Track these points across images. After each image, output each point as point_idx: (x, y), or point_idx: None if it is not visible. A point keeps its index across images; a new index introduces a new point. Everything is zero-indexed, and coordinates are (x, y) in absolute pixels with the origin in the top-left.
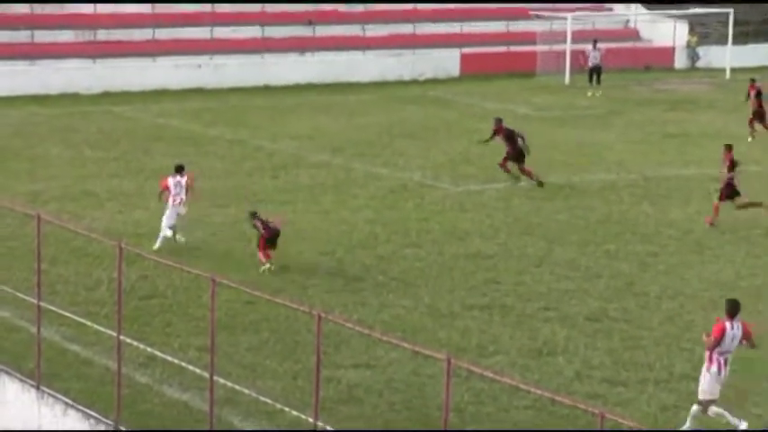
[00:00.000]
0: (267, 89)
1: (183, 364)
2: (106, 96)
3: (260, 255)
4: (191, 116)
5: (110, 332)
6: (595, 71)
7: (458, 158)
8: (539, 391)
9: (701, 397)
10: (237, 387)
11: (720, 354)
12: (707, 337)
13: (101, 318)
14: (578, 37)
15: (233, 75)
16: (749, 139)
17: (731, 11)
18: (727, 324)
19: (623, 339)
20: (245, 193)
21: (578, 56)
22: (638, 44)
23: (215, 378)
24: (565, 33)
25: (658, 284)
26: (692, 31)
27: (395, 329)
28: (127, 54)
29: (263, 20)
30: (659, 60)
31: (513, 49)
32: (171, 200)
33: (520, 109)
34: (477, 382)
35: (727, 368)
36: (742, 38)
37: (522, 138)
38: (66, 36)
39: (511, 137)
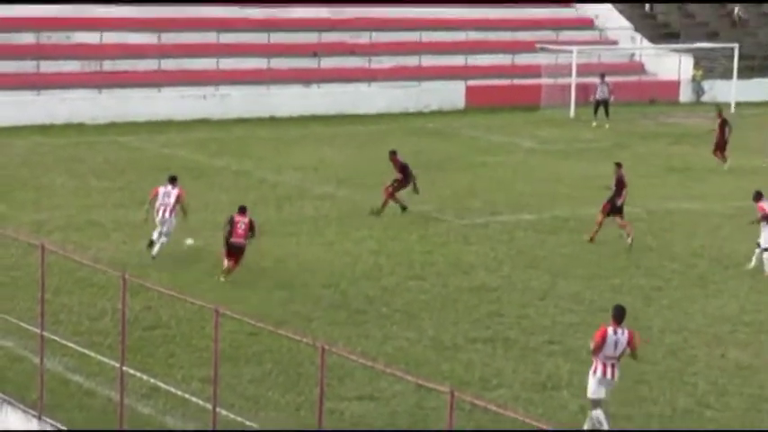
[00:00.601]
0: (272, 120)
1: (186, 395)
2: (112, 126)
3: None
4: (196, 146)
5: (113, 363)
6: (602, 104)
7: (462, 191)
8: (542, 426)
9: (588, 395)
10: (240, 419)
11: (606, 358)
12: (591, 341)
13: (104, 348)
14: (583, 70)
15: (238, 105)
16: (725, 167)
17: (736, 45)
18: (610, 329)
19: (627, 374)
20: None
21: (584, 89)
22: (644, 78)
23: (218, 410)
24: (570, 67)
25: (662, 319)
26: (697, 65)
27: (398, 362)
28: (132, 84)
29: (268, 51)
30: (664, 94)
31: (518, 82)
32: (155, 209)
33: (524, 142)
34: (480, 416)
35: (616, 372)
36: (747, 72)
37: (414, 178)
38: (71, 66)
39: (405, 170)
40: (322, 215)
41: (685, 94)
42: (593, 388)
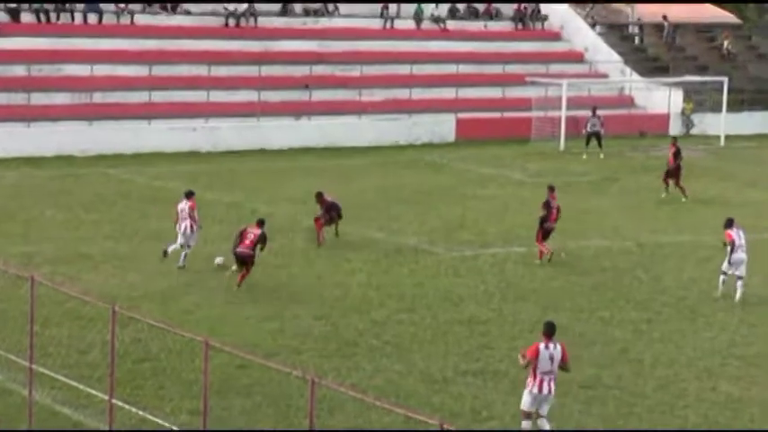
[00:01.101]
0: (263, 152)
1: (175, 428)
2: (101, 159)
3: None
4: (186, 179)
5: (102, 395)
6: (595, 137)
7: (453, 223)
8: None
9: (521, 407)
10: None
11: (542, 373)
12: (521, 357)
13: (93, 381)
14: (573, 103)
15: (228, 138)
16: (662, 195)
17: (725, 79)
18: (542, 345)
19: (617, 407)
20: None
21: (574, 122)
22: (633, 111)
23: None
24: (560, 99)
25: (653, 352)
26: (686, 98)
27: (388, 394)
28: (123, 117)
29: (259, 84)
30: (654, 127)
31: (508, 114)
32: (178, 225)
33: (514, 174)
34: None
35: (552, 387)
36: (736, 105)
37: (339, 216)
38: (62, 98)
39: (330, 209)
40: (313, 247)
41: (675, 128)
42: (527, 402)
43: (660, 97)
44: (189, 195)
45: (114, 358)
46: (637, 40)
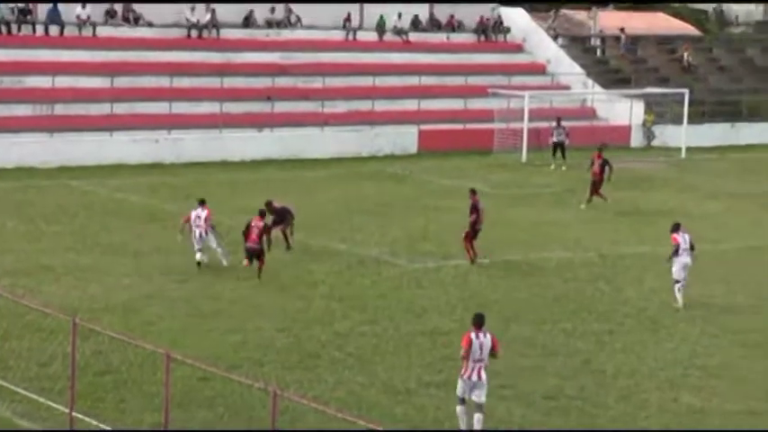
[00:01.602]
0: (225, 164)
1: None
2: (63, 171)
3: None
4: (148, 191)
5: (62, 408)
6: (559, 147)
7: (415, 235)
8: None
9: (457, 393)
10: None
11: (474, 361)
12: (462, 349)
13: (54, 394)
14: (535, 115)
15: (191, 150)
16: (582, 207)
17: (686, 91)
18: (473, 335)
19: (580, 417)
20: (202, 269)
21: (536, 134)
22: (595, 123)
23: None
24: (522, 111)
25: (615, 362)
26: (648, 110)
27: (350, 406)
28: (84, 128)
29: (221, 96)
30: (615, 139)
31: (471, 126)
32: (192, 233)
33: (476, 186)
34: None
35: (482, 374)
36: (697, 117)
37: (292, 216)
38: (23, 110)
39: (281, 213)
40: (275, 258)
41: (636, 139)
42: (460, 388)
43: (622, 109)
44: (203, 203)
45: (75, 371)
46: (599, 52)
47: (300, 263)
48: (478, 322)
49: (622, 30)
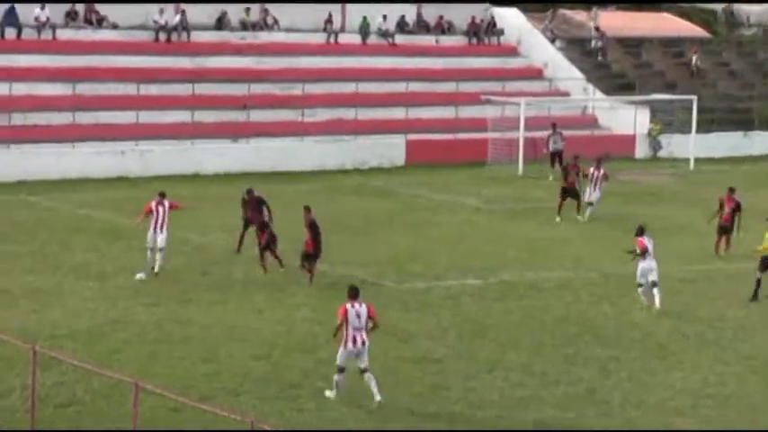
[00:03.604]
0: (197, 177)
1: None
2: (21, 185)
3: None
4: (114, 207)
5: None
6: (557, 156)
7: (403, 254)
8: None
9: (337, 362)
10: None
11: (354, 329)
12: (337, 318)
13: (11, 429)
14: (532, 124)
15: (160, 162)
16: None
17: (695, 97)
18: (348, 305)
19: None
20: (171, 290)
21: (533, 144)
22: (597, 132)
23: None
24: (518, 120)
25: (620, 392)
26: (653, 118)
27: None
28: (44, 139)
29: (192, 103)
30: (619, 149)
31: (462, 136)
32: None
33: (469, 201)
34: None
35: (364, 339)
36: (706, 126)
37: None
38: None
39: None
40: (251, 280)
41: (641, 150)
42: (341, 356)
43: (626, 117)
44: (164, 196)
45: (35, 403)
46: (600, 56)
47: (279, 283)
48: (354, 293)
49: (597, 29)
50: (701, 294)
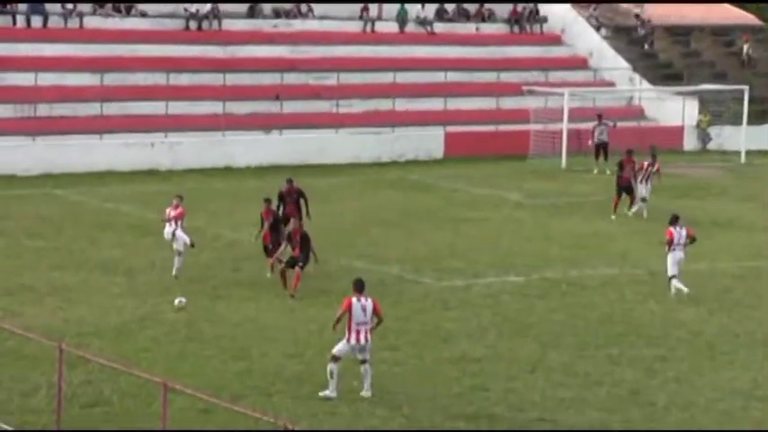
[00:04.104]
0: (228, 171)
1: None
2: (47, 178)
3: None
4: (142, 201)
5: None
6: (602, 148)
7: (441, 250)
8: None
9: (333, 352)
10: None
11: (357, 324)
12: (339, 310)
13: (38, 428)
14: (576, 115)
15: (190, 155)
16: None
17: (746, 88)
18: (354, 299)
19: None
20: (202, 287)
21: (577, 136)
22: (643, 123)
23: None
24: (561, 111)
25: (667, 393)
26: (702, 109)
27: None
28: (71, 131)
29: (224, 94)
30: (666, 142)
31: (503, 128)
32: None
33: (511, 195)
34: None
35: (367, 336)
36: (758, 117)
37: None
38: (2, 111)
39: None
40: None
41: (690, 142)
42: (341, 349)
43: (673, 108)
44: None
45: (61, 402)
46: (647, 44)
47: (312, 281)
48: (359, 287)
49: (637, 16)
50: (751, 291)
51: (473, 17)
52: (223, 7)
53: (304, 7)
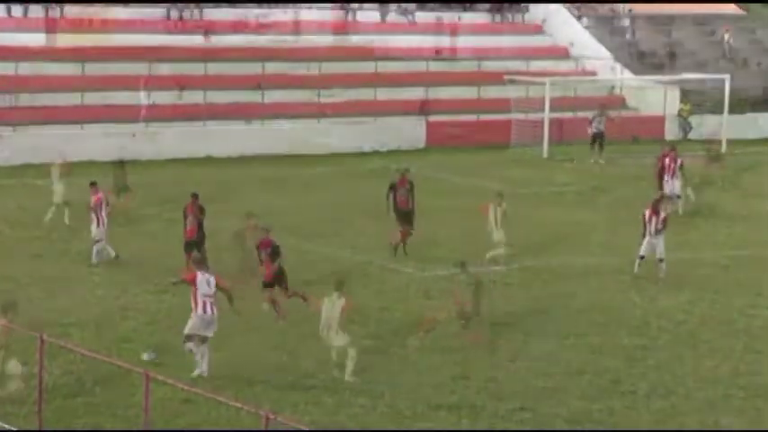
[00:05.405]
0: (209, 161)
1: None
2: (27, 168)
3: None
4: (123, 190)
5: None
6: (598, 138)
7: (424, 239)
8: None
9: (185, 331)
10: None
11: (204, 296)
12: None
13: (19, 419)
14: (557, 105)
15: (171, 144)
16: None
17: (727, 77)
18: (199, 273)
19: None
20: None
21: (558, 125)
22: (625, 113)
23: None
24: (542, 101)
25: (648, 382)
26: (684, 98)
27: None
28: (51, 121)
29: (205, 83)
30: (648, 131)
31: (485, 117)
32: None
33: (492, 185)
34: None
35: (214, 309)
36: (739, 107)
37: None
38: None
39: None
40: None
41: (671, 131)
42: (192, 325)
43: (655, 97)
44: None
45: (43, 393)
46: (628, 34)
47: (295, 271)
48: (200, 263)
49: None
50: (732, 281)
51: (454, 6)
52: None
53: None
